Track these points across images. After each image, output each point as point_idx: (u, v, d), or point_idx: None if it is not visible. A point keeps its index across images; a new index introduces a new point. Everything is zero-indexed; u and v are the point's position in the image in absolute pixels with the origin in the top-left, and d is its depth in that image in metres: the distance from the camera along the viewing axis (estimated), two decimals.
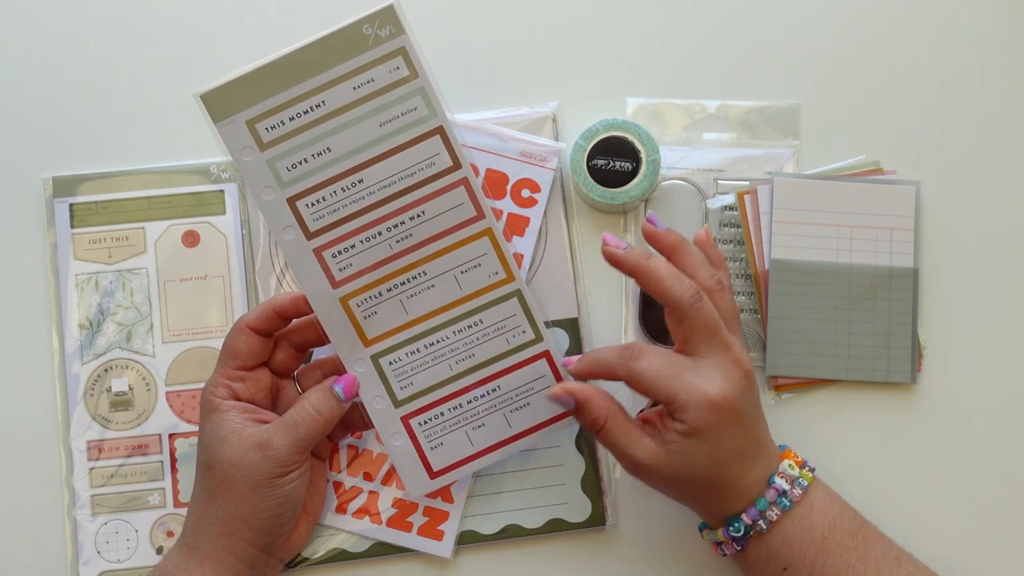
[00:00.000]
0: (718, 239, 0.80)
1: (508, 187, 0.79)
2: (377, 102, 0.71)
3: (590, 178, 0.77)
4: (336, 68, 0.71)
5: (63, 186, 0.80)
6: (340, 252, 0.73)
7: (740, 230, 0.80)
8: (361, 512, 0.78)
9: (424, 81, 0.71)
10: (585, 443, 0.79)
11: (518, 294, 0.74)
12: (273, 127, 0.71)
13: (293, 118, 0.71)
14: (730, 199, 0.80)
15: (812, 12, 0.82)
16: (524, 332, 0.75)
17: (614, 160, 0.77)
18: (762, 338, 0.79)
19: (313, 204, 0.72)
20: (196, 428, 0.79)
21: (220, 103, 0.71)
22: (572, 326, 0.79)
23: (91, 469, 0.79)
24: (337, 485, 0.79)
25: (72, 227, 0.80)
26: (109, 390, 0.79)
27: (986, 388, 0.79)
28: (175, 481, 0.79)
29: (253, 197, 0.72)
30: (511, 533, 0.78)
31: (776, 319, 0.78)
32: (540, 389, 0.75)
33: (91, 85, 0.82)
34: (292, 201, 0.72)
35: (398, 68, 0.71)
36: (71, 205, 0.80)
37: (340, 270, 0.73)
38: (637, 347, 0.69)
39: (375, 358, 0.74)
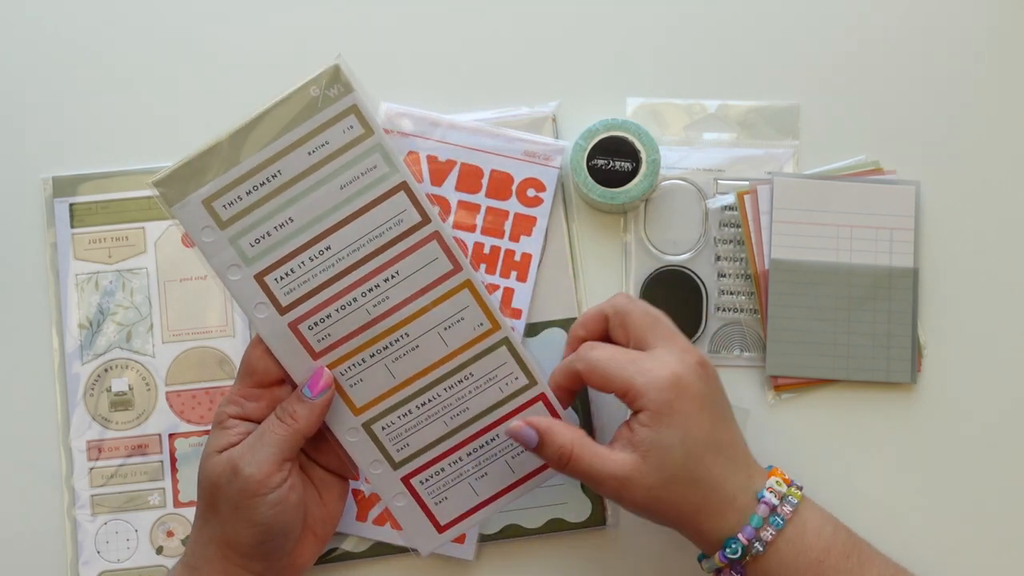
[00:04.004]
0: (718, 239, 0.80)
1: (513, 187, 0.79)
2: (334, 164, 0.69)
3: (590, 178, 0.77)
4: (287, 135, 0.68)
5: (63, 186, 0.80)
6: (316, 323, 0.70)
7: (740, 230, 0.80)
8: (381, 519, 0.78)
9: (380, 138, 0.69)
10: None
11: (506, 342, 0.72)
12: (231, 203, 0.69)
13: (250, 192, 0.69)
14: (730, 199, 0.80)
15: (812, 12, 0.82)
16: (517, 379, 0.73)
17: (614, 160, 0.77)
18: (762, 338, 0.79)
19: (282, 278, 0.70)
20: (196, 428, 0.79)
21: (173, 186, 0.69)
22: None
23: (91, 469, 0.79)
24: (355, 492, 0.78)
25: (72, 227, 0.80)
26: (109, 390, 0.79)
27: (986, 388, 0.79)
28: (175, 481, 0.79)
29: (220, 279, 0.70)
30: (511, 533, 0.79)
31: (776, 319, 0.78)
32: None
33: (91, 85, 0.82)
34: (260, 277, 0.70)
35: (352, 127, 0.69)
36: (71, 205, 0.80)
37: (319, 341, 0.71)
38: (588, 343, 0.70)
39: (367, 425, 0.73)
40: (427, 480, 0.75)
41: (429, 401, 0.73)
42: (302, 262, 0.70)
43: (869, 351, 0.78)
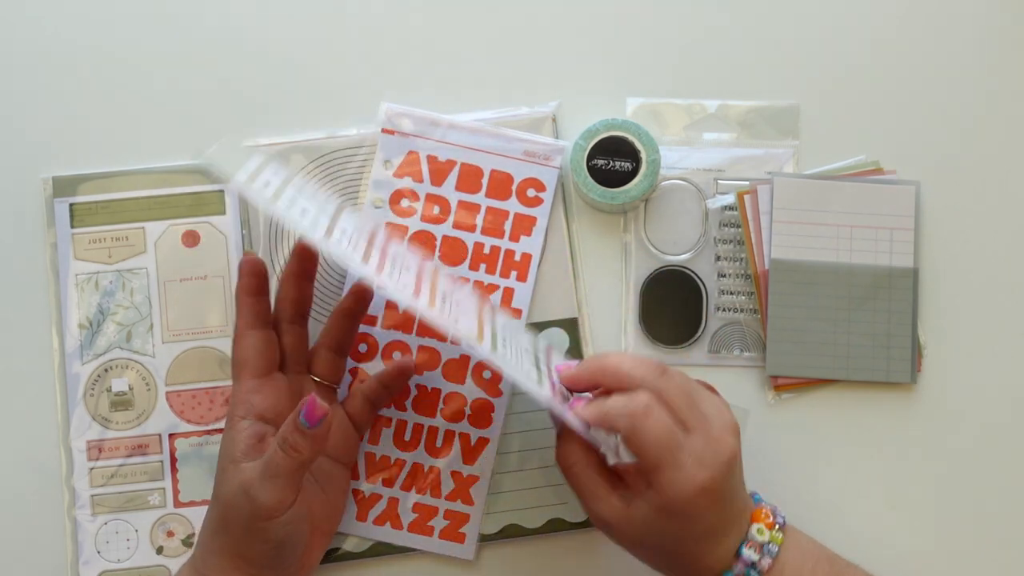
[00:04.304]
0: (718, 239, 0.80)
1: (513, 187, 0.79)
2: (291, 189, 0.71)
3: (590, 178, 0.77)
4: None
5: (63, 186, 0.80)
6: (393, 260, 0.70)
7: (740, 230, 0.80)
8: (382, 519, 0.78)
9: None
10: None
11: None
12: (266, 184, 0.70)
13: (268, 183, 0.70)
14: (730, 199, 0.80)
15: (812, 12, 0.82)
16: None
17: (614, 160, 0.77)
18: (762, 338, 0.79)
19: (340, 234, 0.69)
20: (196, 428, 0.79)
21: (225, 161, 0.70)
22: (572, 326, 0.79)
23: (91, 469, 0.79)
24: (355, 492, 0.78)
25: (72, 227, 0.80)
26: (109, 390, 0.79)
27: (986, 388, 0.79)
28: (175, 481, 0.79)
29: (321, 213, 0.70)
30: (511, 533, 0.79)
31: (776, 319, 0.78)
32: None
33: (91, 85, 0.82)
34: (328, 231, 0.69)
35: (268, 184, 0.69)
36: (71, 205, 0.80)
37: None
38: (647, 401, 0.64)
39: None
40: None
41: None
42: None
43: (869, 351, 0.78)
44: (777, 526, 0.68)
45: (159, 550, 0.79)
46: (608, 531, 0.67)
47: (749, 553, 0.66)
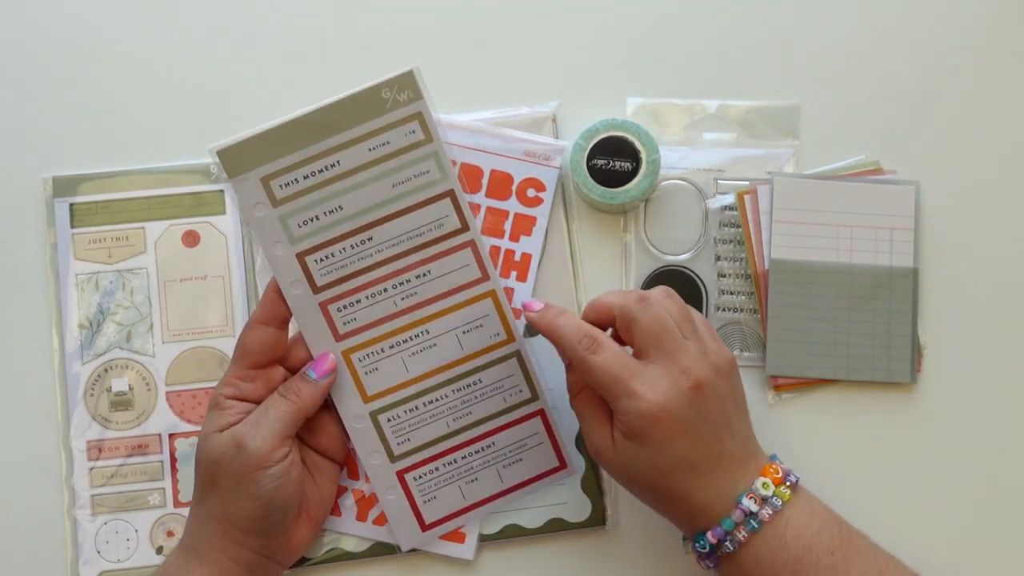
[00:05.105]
0: (718, 239, 0.80)
1: (513, 187, 0.79)
2: (391, 164, 0.73)
3: (590, 178, 0.77)
4: (353, 130, 0.72)
5: (63, 186, 0.80)
6: (345, 307, 0.74)
7: (740, 230, 0.80)
8: (382, 519, 0.78)
9: (438, 146, 0.73)
10: None
11: (517, 355, 0.76)
12: (287, 184, 0.72)
13: (307, 176, 0.72)
14: (730, 199, 0.80)
15: (812, 12, 0.82)
16: (521, 391, 0.76)
17: (614, 160, 0.77)
18: (762, 338, 0.79)
19: (322, 260, 0.73)
20: (196, 428, 0.79)
21: (236, 159, 0.72)
22: None
23: (91, 469, 0.79)
24: (355, 492, 0.78)
25: (72, 227, 0.80)
26: (109, 390, 0.79)
27: (986, 388, 0.79)
28: (175, 481, 0.79)
29: (263, 251, 0.73)
30: (511, 533, 0.78)
31: (776, 319, 0.78)
32: (534, 446, 0.77)
33: (91, 85, 0.82)
34: (301, 256, 0.73)
35: (414, 132, 0.73)
36: (71, 205, 0.80)
37: (344, 324, 0.74)
38: (598, 339, 0.68)
39: (374, 415, 0.75)
40: (420, 478, 0.76)
41: (436, 400, 0.75)
42: (343, 248, 0.73)
43: (869, 351, 0.78)
44: (788, 484, 0.68)
45: (159, 550, 0.79)
46: (600, 461, 0.70)
47: (748, 503, 0.67)
